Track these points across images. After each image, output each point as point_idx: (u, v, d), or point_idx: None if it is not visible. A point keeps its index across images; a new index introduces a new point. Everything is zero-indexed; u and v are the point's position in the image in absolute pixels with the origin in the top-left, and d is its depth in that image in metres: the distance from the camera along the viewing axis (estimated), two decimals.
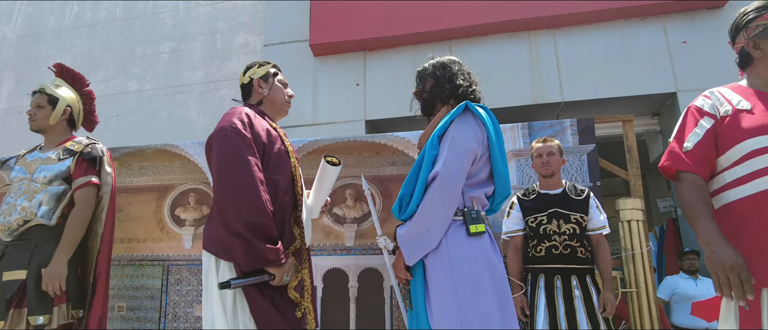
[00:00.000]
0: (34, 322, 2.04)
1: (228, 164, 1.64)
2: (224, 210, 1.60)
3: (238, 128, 1.68)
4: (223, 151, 1.65)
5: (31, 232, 2.18)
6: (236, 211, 1.58)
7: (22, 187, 2.26)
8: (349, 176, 3.17)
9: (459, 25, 4.51)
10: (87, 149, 2.38)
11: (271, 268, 1.64)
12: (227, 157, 1.64)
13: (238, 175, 1.62)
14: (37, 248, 2.16)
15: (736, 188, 1.45)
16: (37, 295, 2.08)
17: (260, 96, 1.98)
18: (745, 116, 1.46)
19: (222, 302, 1.63)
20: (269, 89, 1.98)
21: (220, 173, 1.64)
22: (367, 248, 3.05)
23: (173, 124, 5.26)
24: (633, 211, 2.90)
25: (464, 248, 1.59)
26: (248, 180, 1.62)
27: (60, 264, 2.13)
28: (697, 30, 4.14)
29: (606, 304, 2.44)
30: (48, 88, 2.44)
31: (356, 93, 4.74)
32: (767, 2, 1.55)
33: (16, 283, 2.08)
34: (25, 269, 2.11)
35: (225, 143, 1.66)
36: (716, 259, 1.33)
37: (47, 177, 2.27)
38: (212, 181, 1.72)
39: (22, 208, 2.19)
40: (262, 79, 1.98)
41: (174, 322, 3.05)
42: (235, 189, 1.61)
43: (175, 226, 3.20)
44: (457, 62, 1.92)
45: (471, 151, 1.65)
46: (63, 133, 2.46)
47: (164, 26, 5.72)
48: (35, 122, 2.39)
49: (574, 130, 3.11)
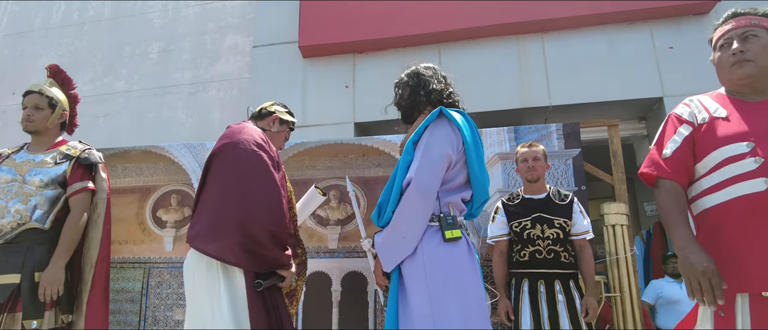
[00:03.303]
0: (29, 326, 2.02)
1: (260, 175, 1.77)
2: (247, 214, 1.70)
3: (262, 144, 1.84)
4: (254, 165, 1.78)
5: (24, 235, 2.14)
6: (264, 221, 1.72)
7: (13, 189, 2.21)
8: (333, 177, 3.15)
9: (448, 28, 4.51)
10: (84, 155, 2.36)
11: (283, 272, 1.82)
12: (259, 172, 1.77)
13: (268, 187, 1.77)
14: (31, 252, 2.13)
15: (712, 195, 1.45)
16: (32, 298, 2.05)
17: (268, 128, 2.16)
18: (720, 124, 1.47)
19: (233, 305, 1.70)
20: (277, 130, 2.19)
21: (246, 180, 1.74)
22: (351, 251, 3.03)
23: (161, 125, 5.22)
24: (617, 215, 2.91)
25: (439, 254, 1.59)
26: (276, 192, 1.78)
27: (58, 268, 2.11)
28: (683, 35, 4.17)
29: (588, 309, 2.44)
30: (47, 89, 2.40)
31: (345, 95, 4.72)
32: (722, 19, 1.60)
33: (10, 287, 2.04)
34: (18, 273, 2.07)
35: (255, 158, 1.79)
36: (689, 264, 1.34)
37: (43, 180, 2.24)
38: (220, 188, 1.76)
39: (16, 211, 2.15)
40: (280, 121, 2.20)
41: (154, 325, 3.01)
42: (265, 199, 1.74)
43: (157, 228, 3.17)
44: (432, 68, 1.92)
45: (445, 156, 1.64)
46: (55, 135, 2.44)
47: (153, 26, 5.67)
48: (33, 123, 2.33)
49: (560, 135, 3.12)
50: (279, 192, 1.79)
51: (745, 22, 1.53)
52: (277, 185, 1.80)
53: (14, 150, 2.39)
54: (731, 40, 1.54)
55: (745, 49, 1.50)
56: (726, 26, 1.57)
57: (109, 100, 5.46)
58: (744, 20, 1.53)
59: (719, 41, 1.59)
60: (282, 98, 4.69)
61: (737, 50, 1.51)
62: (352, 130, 4.57)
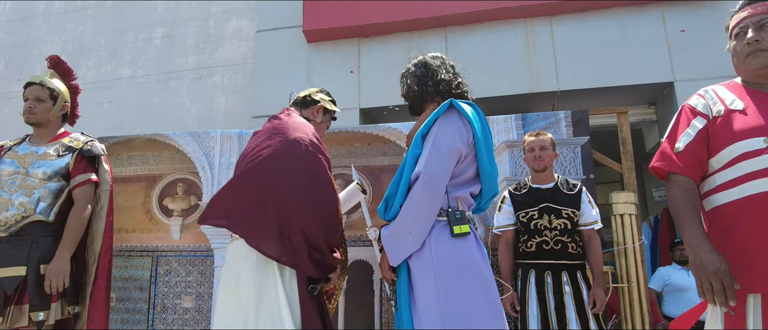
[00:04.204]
0: (36, 318, 2.04)
1: (324, 182, 1.79)
2: (312, 225, 1.72)
3: (319, 145, 1.83)
4: (315, 169, 1.78)
5: (28, 228, 2.15)
6: (322, 226, 1.75)
7: (16, 181, 2.21)
8: (339, 166, 3.13)
9: (454, 11, 4.42)
10: (87, 147, 2.36)
11: (331, 275, 1.84)
12: (320, 177, 1.78)
13: (327, 193, 1.78)
14: (36, 244, 2.14)
15: (726, 191, 1.42)
16: (38, 290, 2.07)
17: (312, 118, 2.12)
18: (737, 117, 1.42)
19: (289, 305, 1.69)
20: (321, 120, 2.15)
21: (310, 188, 1.75)
22: (357, 240, 3.03)
23: (165, 111, 5.20)
24: (626, 204, 2.88)
25: (448, 249, 1.57)
26: (333, 197, 1.80)
27: (63, 261, 2.12)
28: (696, 18, 4.06)
29: (596, 300, 2.42)
30: (48, 81, 2.38)
31: (350, 81, 4.67)
32: (738, 6, 1.54)
33: (16, 279, 2.05)
34: (23, 265, 2.08)
35: (319, 164, 1.79)
36: (700, 264, 1.31)
37: (47, 173, 2.24)
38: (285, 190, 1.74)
39: (20, 204, 2.15)
40: (324, 111, 2.15)
41: (163, 313, 3.04)
42: (324, 205, 1.77)
43: (164, 217, 3.18)
44: (440, 57, 1.88)
45: (454, 150, 1.61)
46: (57, 127, 2.43)
47: (156, 11, 5.62)
48: (34, 115, 2.32)
49: (568, 122, 3.07)
50: (336, 198, 1.82)
51: (762, 9, 1.47)
52: (335, 190, 1.82)
53: (16, 142, 2.38)
54: (746, 28, 1.48)
55: (760, 38, 1.44)
56: (742, 13, 1.51)
57: (113, 86, 5.44)
58: (761, 7, 1.47)
59: (735, 29, 1.53)
60: (286, 84, 4.66)
61: (752, 40, 1.45)
62: (357, 116, 4.54)
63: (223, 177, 3.18)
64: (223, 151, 3.24)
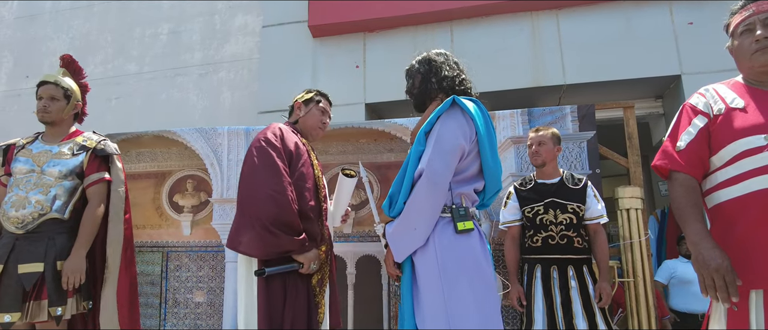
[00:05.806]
0: (54, 313, 2.10)
1: (260, 167, 1.87)
2: (253, 205, 1.82)
3: (269, 139, 1.95)
4: (258, 158, 1.90)
5: (45, 225, 2.20)
6: (265, 206, 1.80)
7: (32, 179, 2.26)
8: (346, 163, 3.16)
9: (460, 5, 4.41)
10: (100, 146, 2.41)
11: (298, 257, 1.87)
12: (262, 164, 1.88)
13: (269, 175, 1.85)
14: (52, 241, 2.19)
15: (727, 189, 1.43)
16: (56, 286, 2.13)
17: (297, 116, 2.24)
18: (737, 115, 1.43)
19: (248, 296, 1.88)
20: (305, 113, 2.23)
21: (252, 175, 1.88)
22: (365, 235, 3.07)
23: (173, 106, 5.24)
24: (632, 199, 2.89)
25: (451, 246, 1.59)
26: (277, 179, 1.85)
27: (79, 258, 2.18)
28: (704, 11, 4.03)
29: (602, 294, 2.44)
30: (62, 80, 2.41)
31: (356, 75, 4.68)
32: (740, 4, 1.53)
33: (35, 275, 2.11)
34: (41, 262, 2.14)
35: (259, 152, 1.91)
36: (702, 260, 1.33)
37: (62, 172, 2.28)
38: (240, 191, 1.94)
39: (37, 202, 2.20)
40: (303, 103, 2.25)
41: (174, 307, 3.09)
42: (264, 185, 1.84)
43: (174, 213, 3.22)
44: (444, 54, 1.89)
45: (457, 147, 1.63)
46: (69, 126, 2.47)
47: (162, 7, 5.64)
48: (49, 114, 2.35)
49: (574, 117, 3.08)
50: (281, 178, 1.86)
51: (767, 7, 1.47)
52: (280, 172, 1.86)
53: (28, 140, 2.42)
54: (753, 25, 1.48)
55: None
56: (746, 12, 1.51)
57: (120, 82, 5.49)
58: (767, 4, 1.47)
59: (739, 27, 1.53)
60: (292, 79, 4.68)
61: (761, 36, 1.45)
62: (363, 111, 4.55)
63: (231, 173, 3.22)
64: (231, 147, 3.27)
